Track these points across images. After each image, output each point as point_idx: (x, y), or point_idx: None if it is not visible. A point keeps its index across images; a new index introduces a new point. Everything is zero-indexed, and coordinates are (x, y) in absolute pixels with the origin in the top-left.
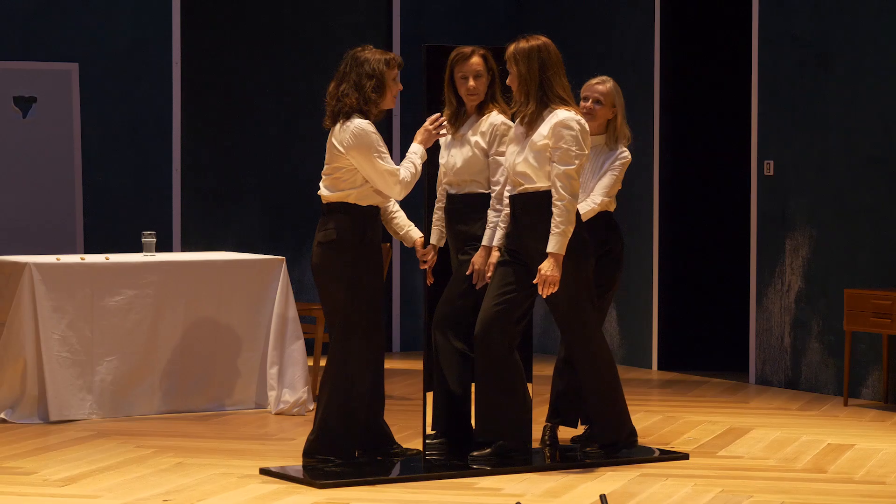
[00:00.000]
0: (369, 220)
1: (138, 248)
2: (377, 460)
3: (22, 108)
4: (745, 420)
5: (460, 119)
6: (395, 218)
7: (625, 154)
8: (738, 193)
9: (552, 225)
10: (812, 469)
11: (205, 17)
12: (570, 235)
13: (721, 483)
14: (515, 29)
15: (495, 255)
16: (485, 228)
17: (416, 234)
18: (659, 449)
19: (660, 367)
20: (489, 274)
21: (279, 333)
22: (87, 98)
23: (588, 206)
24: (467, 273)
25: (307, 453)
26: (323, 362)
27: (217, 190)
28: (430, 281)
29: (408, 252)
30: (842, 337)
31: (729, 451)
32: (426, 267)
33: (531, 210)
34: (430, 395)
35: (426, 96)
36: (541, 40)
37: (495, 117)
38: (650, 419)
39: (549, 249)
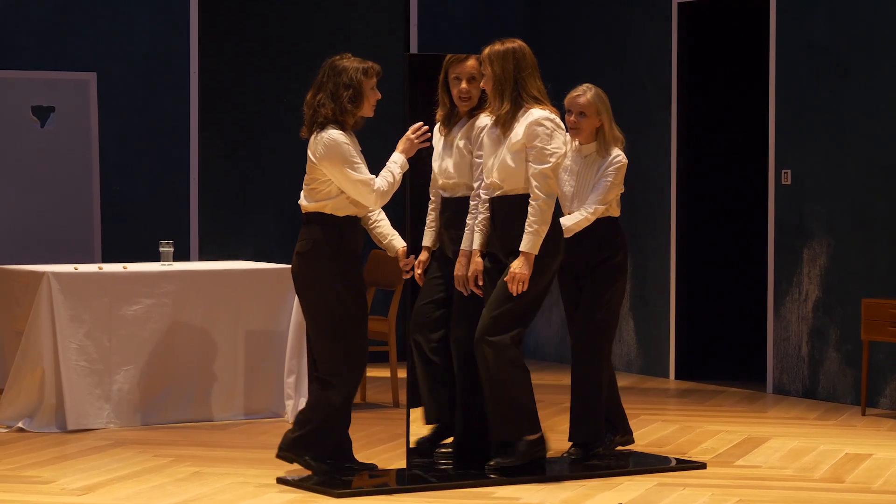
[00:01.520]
0: (346, 229)
1: (156, 257)
2: (341, 471)
3: (40, 118)
4: (763, 429)
5: (452, 122)
6: (378, 226)
7: (619, 158)
8: (755, 202)
9: (526, 224)
10: (830, 479)
11: (222, 27)
12: (543, 235)
13: (738, 493)
14: (531, 39)
15: (478, 261)
16: None
17: (399, 243)
18: (676, 458)
19: (677, 377)
20: (480, 281)
21: (296, 342)
22: (105, 107)
23: (581, 216)
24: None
25: (283, 447)
26: None
27: (234, 199)
28: (421, 283)
29: None
30: (859, 346)
31: (746, 460)
32: (409, 276)
33: (511, 213)
34: (419, 410)
35: (408, 105)
36: (516, 43)
37: (483, 120)
38: (667, 428)
39: (521, 248)
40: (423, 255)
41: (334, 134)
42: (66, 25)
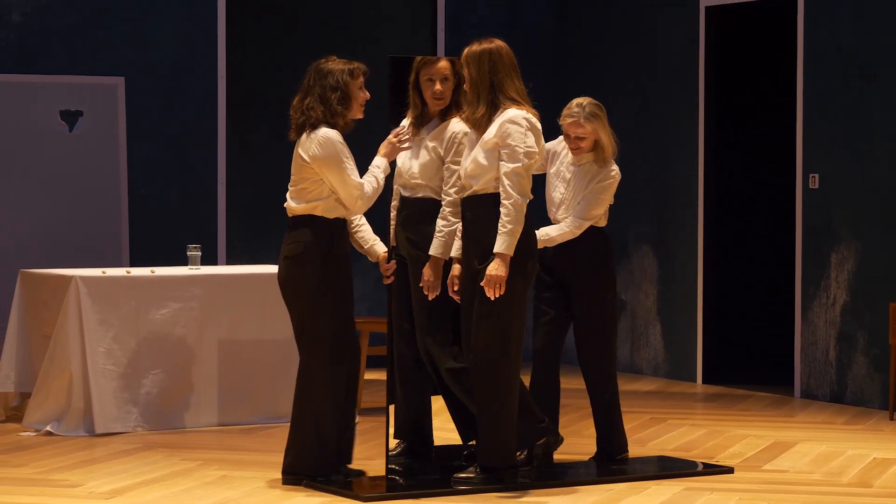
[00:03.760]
0: (336, 232)
1: (183, 261)
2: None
3: (68, 122)
4: (791, 434)
5: (423, 123)
6: (359, 231)
7: (613, 173)
8: (782, 206)
9: (499, 224)
10: (857, 483)
11: (250, 32)
12: (518, 236)
13: (766, 497)
14: (558, 42)
15: (457, 267)
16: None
17: (380, 248)
18: (703, 463)
19: (704, 381)
20: (455, 287)
21: None
22: (132, 112)
23: (566, 228)
24: (420, 285)
25: (285, 471)
26: (366, 375)
27: (261, 203)
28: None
29: None
30: (887, 351)
31: (774, 465)
32: (390, 281)
33: (480, 213)
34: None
35: (390, 107)
36: (494, 43)
37: (455, 125)
38: (695, 433)
39: (495, 249)
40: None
41: (330, 133)
42: (94, 31)
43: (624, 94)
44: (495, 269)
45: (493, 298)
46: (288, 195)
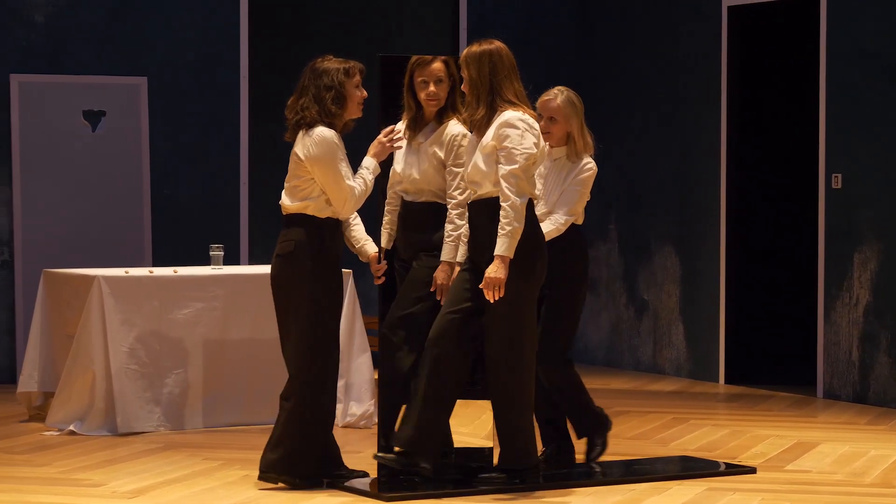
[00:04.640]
0: (327, 232)
1: (206, 261)
2: (327, 481)
3: (91, 122)
4: (813, 434)
5: (419, 125)
6: (352, 230)
7: (589, 166)
8: (805, 207)
9: (499, 227)
10: (880, 484)
11: (273, 32)
12: (518, 237)
13: (789, 497)
14: (579, 43)
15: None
16: (440, 238)
17: (371, 248)
18: (726, 463)
19: (727, 381)
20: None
21: (346, 346)
22: (155, 112)
23: (552, 225)
24: (431, 290)
25: (263, 469)
26: None
27: None
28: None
29: None
30: None
31: (797, 465)
32: (381, 281)
33: (484, 216)
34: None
35: (381, 107)
36: (494, 44)
37: (454, 127)
38: (717, 433)
39: (495, 252)
40: (385, 268)
41: (326, 132)
42: (117, 30)
43: (646, 94)
44: (494, 271)
45: (492, 301)
46: (283, 193)
